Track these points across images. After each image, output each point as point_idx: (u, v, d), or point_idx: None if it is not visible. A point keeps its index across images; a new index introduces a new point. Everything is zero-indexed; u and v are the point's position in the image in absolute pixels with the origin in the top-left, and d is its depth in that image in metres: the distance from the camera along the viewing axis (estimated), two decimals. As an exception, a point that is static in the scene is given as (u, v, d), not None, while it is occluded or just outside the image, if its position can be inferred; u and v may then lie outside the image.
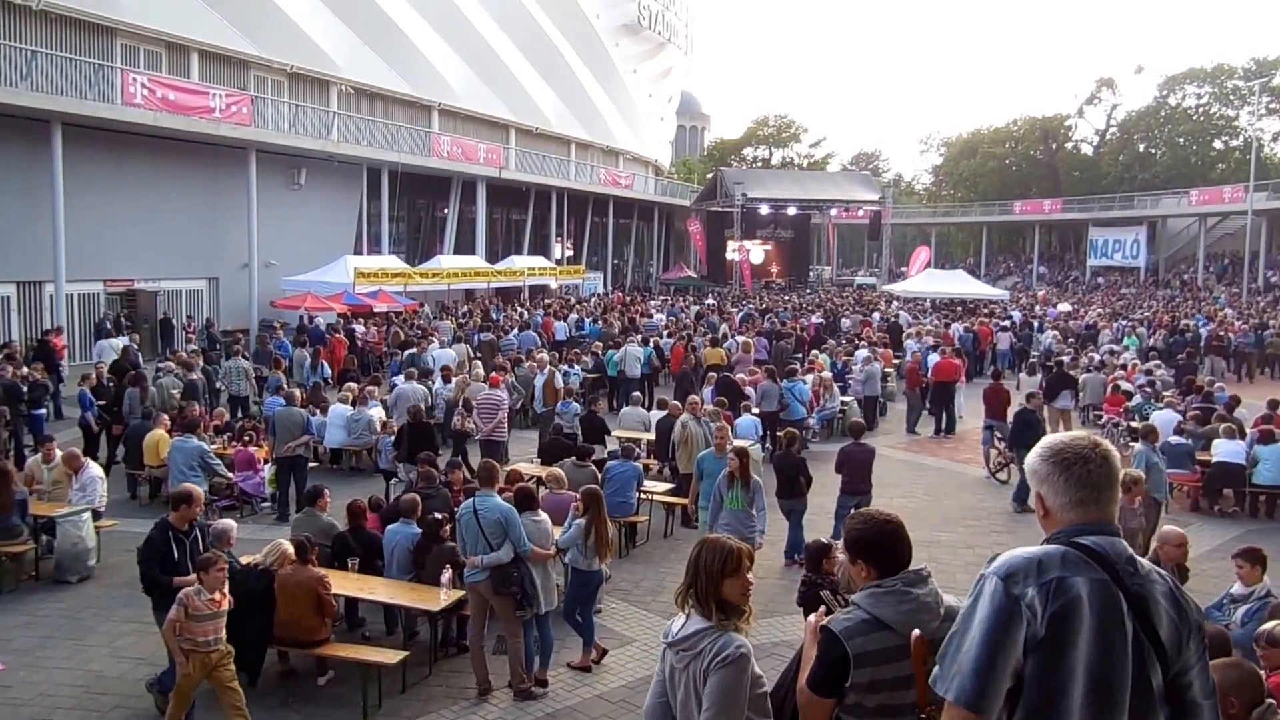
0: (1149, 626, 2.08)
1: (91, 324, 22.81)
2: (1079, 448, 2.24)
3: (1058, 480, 2.22)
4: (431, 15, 34.49)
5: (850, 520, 3.09)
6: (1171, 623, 2.11)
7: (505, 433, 13.27)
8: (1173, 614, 2.12)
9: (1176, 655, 2.10)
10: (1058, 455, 2.24)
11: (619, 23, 47.81)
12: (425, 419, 12.63)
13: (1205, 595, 6.94)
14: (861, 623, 2.73)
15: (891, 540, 2.92)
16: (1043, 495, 2.26)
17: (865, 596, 2.81)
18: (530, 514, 7.30)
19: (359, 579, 7.96)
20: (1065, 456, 2.23)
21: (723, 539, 3.38)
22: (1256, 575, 6.38)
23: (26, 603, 8.92)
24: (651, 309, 31.02)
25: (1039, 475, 2.27)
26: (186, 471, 10.23)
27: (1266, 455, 12.05)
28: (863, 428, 11.51)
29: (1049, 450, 2.27)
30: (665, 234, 55.58)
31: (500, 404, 13.15)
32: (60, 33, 22.84)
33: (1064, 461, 2.22)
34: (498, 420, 12.92)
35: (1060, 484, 2.22)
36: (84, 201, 21.32)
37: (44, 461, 10.32)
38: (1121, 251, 55.25)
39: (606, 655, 7.75)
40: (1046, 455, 2.26)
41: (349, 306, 24.10)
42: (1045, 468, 2.26)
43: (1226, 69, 61.18)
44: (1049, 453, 2.26)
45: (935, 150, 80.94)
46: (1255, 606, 6.21)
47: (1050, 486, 2.24)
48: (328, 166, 28.76)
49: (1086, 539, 2.15)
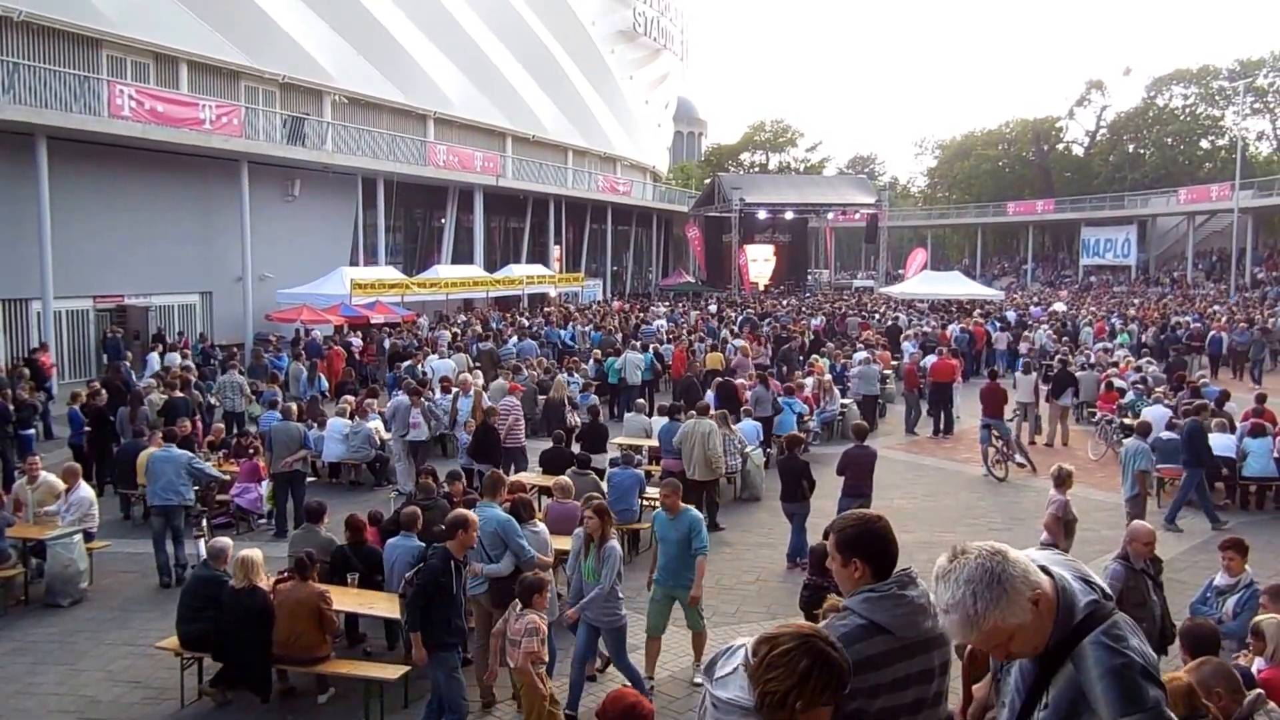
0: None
1: (81, 341, 22.61)
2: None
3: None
4: (425, 23, 34.47)
5: (840, 522, 3.00)
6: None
7: (522, 438, 13.36)
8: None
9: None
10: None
11: (615, 29, 47.89)
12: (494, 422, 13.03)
13: (1198, 587, 6.91)
14: (859, 628, 2.68)
15: (886, 538, 2.89)
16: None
17: (860, 601, 2.75)
18: (529, 524, 7.22)
19: (359, 594, 7.88)
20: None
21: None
22: (1242, 560, 6.52)
23: (16, 628, 8.76)
24: (656, 314, 30.88)
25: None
26: (176, 481, 9.89)
27: (1255, 448, 12.37)
28: (865, 430, 11.52)
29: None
30: (664, 240, 55.57)
31: (513, 410, 13.24)
32: (44, 44, 22.61)
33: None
34: (508, 427, 12.93)
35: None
36: (71, 216, 21.10)
37: (28, 482, 9.97)
38: (1113, 250, 55.89)
39: (610, 665, 7.62)
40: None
41: (346, 318, 23.98)
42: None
43: (1212, 70, 62.16)
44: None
45: (929, 153, 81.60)
46: (1245, 595, 6.29)
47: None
48: (322, 177, 28.66)
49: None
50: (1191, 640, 4.88)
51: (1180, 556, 10.42)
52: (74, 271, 21.29)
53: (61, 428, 15.21)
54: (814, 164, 78.66)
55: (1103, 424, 16.10)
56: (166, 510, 9.84)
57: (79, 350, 22.67)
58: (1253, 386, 20.31)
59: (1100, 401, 16.79)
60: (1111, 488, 11.04)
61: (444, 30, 35.45)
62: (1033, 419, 16.72)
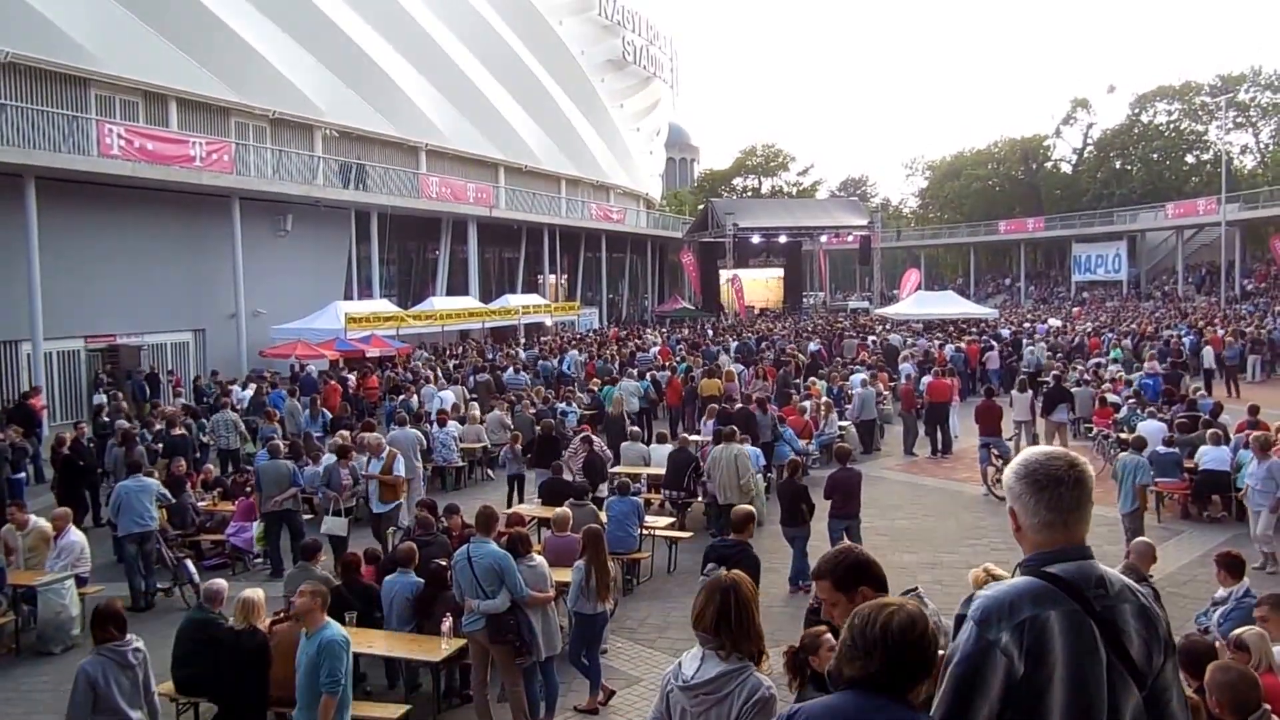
0: (1120, 649, 2.11)
1: (73, 382, 22.42)
2: (1054, 469, 2.24)
3: (1029, 500, 2.25)
4: (414, 56, 34.69)
5: (829, 564, 3.12)
6: (1142, 641, 2.13)
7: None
8: (1143, 632, 2.14)
9: (1149, 670, 2.13)
10: (1031, 475, 2.26)
11: (604, 58, 48.22)
12: (555, 432, 13.82)
13: (1197, 601, 6.88)
14: None
15: (874, 564, 3.11)
16: (1015, 511, 2.30)
17: None
18: (525, 559, 7.16)
19: (357, 632, 7.74)
20: (1038, 478, 2.24)
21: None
22: (1234, 579, 6.55)
23: (9, 676, 8.61)
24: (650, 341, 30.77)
25: (1013, 492, 2.30)
26: (142, 510, 10.36)
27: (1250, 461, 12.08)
28: (848, 452, 11.57)
29: (1024, 469, 2.29)
30: (659, 266, 55.69)
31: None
32: (31, 85, 22.60)
33: (1036, 483, 2.24)
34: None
35: (1031, 504, 2.25)
36: (61, 256, 20.98)
37: (18, 528, 9.81)
38: (1104, 266, 56.23)
39: (614, 697, 7.63)
40: (1021, 474, 2.29)
41: (341, 353, 23.88)
42: (1019, 486, 2.28)
43: (1194, 86, 62.91)
44: (1024, 471, 2.28)
45: (920, 174, 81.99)
46: (1232, 607, 6.32)
47: (1022, 505, 2.27)
48: (315, 211, 28.68)
49: (1056, 567, 2.17)
50: (1185, 657, 4.81)
51: (1181, 570, 10.37)
52: (65, 312, 21.16)
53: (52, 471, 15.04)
54: (806, 187, 79.01)
55: (1099, 439, 16.08)
56: (139, 537, 10.32)
57: (70, 391, 22.50)
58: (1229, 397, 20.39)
59: (1095, 417, 16.78)
60: (1109, 502, 11.00)
61: (433, 62, 35.69)
62: (1030, 436, 16.69)
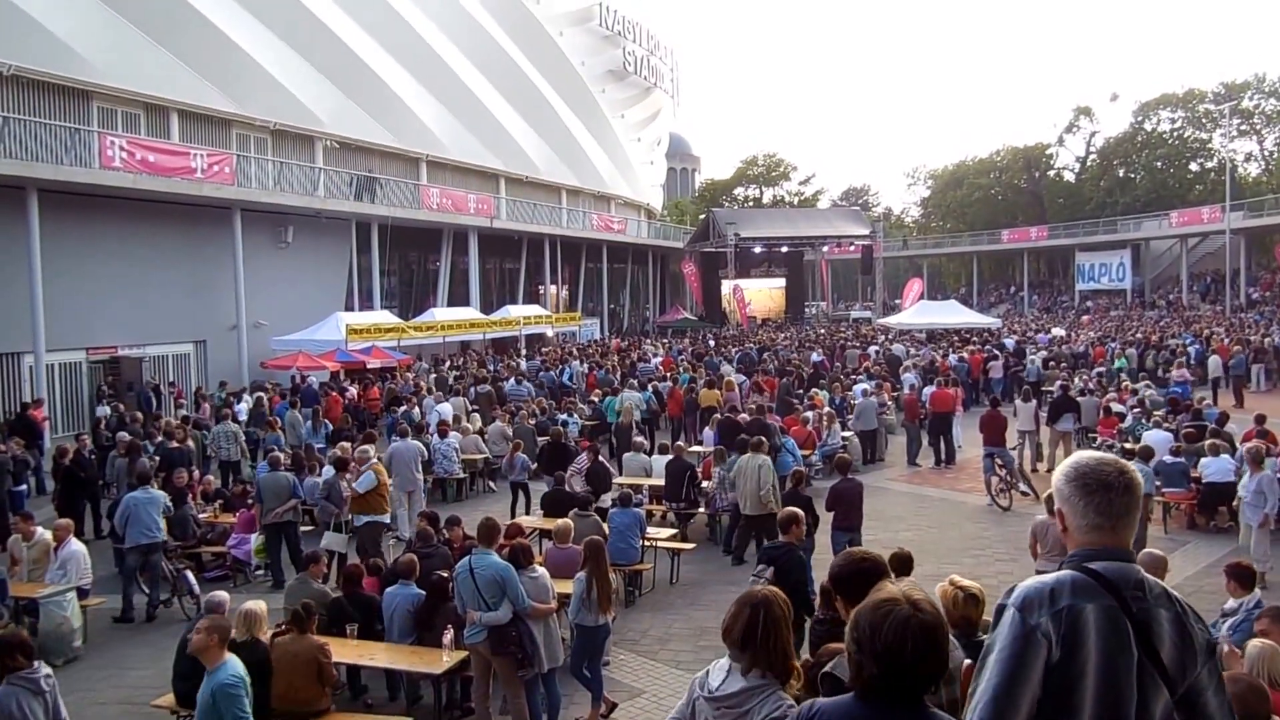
0: (1152, 651, 2.14)
1: (74, 393, 22.40)
2: (1104, 474, 2.27)
3: (1078, 503, 2.27)
4: (414, 67, 34.74)
5: (843, 564, 3.32)
6: (1175, 648, 2.16)
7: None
8: (1175, 638, 2.17)
9: (1181, 677, 2.15)
10: (1081, 479, 2.28)
11: (605, 69, 48.30)
12: (565, 440, 14.27)
13: (1205, 612, 6.79)
14: None
15: (880, 565, 3.29)
16: (1064, 513, 2.32)
17: None
18: (527, 570, 7.13)
19: (358, 645, 7.72)
20: (1088, 482, 2.27)
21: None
22: (1244, 590, 6.52)
23: (9, 690, 8.58)
24: (651, 352, 30.77)
25: (1062, 494, 2.32)
26: (150, 521, 10.31)
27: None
28: (849, 463, 11.54)
29: (1074, 472, 2.31)
30: (660, 277, 55.62)
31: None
32: (33, 97, 22.65)
33: (1085, 487, 2.27)
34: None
35: (1080, 507, 2.27)
36: (63, 268, 21.02)
37: (24, 540, 9.86)
38: (1108, 274, 56.10)
39: (616, 709, 7.58)
40: (1071, 477, 2.31)
41: (342, 364, 23.89)
42: (1069, 489, 2.30)
43: (1197, 93, 62.79)
44: (1074, 474, 2.30)
45: (922, 183, 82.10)
46: (1242, 618, 6.27)
47: (1071, 508, 2.30)
48: (315, 223, 28.71)
49: (1098, 564, 2.21)
50: None
51: (1187, 581, 10.31)
52: (66, 323, 21.20)
53: (53, 483, 15.04)
54: (808, 197, 79.17)
55: (1104, 449, 15.97)
56: (146, 548, 10.26)
57: (72, 403, 22.49)
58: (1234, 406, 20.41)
59: (1100, 426, 16.72)
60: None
61: (434, 73, 35.75)
62: (1034, 446, 16.64)
